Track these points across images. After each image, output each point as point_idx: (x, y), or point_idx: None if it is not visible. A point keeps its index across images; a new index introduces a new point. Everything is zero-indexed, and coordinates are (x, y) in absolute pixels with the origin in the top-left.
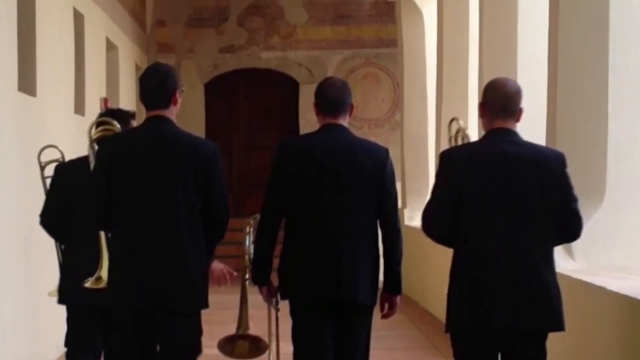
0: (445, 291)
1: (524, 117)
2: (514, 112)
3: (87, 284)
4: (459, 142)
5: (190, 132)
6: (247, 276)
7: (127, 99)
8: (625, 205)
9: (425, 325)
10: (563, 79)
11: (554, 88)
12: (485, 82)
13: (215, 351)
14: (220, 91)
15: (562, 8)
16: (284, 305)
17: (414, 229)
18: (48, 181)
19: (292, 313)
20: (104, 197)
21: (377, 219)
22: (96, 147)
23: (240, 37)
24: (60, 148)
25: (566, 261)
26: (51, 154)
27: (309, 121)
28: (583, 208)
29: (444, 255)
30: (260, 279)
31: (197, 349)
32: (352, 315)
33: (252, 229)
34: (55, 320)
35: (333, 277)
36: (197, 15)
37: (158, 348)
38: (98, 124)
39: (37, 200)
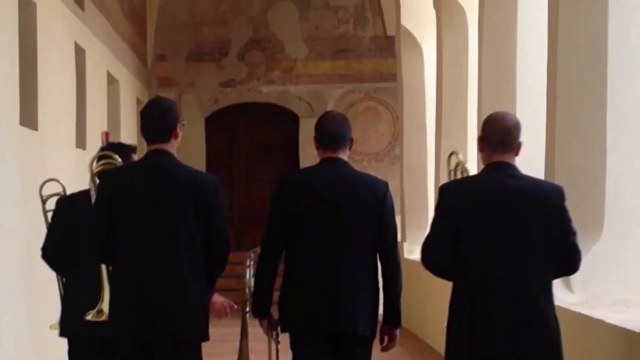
0: (445, 324)
1: (523, 150)
2: (513, 145)
3: (89, 317)
4: (458, 176)
5: (191, 166)
6: (247, 309)
7: (128, 133)
8: (623, 239)
9: (424, 358)
10: (562, 113)
11: (553, 122)
12: (484, 116)
13: None
14: (221, 125)
15: (560, 43)
16: (285, 338)
17: (413, 262)
18: (49, 215)
19: (293, 346)
20: (105, 231)
21: (377, 252)
22: (97, 181)
23: (241, 72)
24: (61, 182)
25: (565, 294)
26: (53, 188)
27: (309, 155)
28: (582, 241)
29: (443, 289)
30: (260, 312)
31: None
32: (352, 348)
33: (252, 262)
34: (56, 353)
35: (333, 309)
36: (197, 49)
37: None
38: (99, 157)
39: (39, 233)
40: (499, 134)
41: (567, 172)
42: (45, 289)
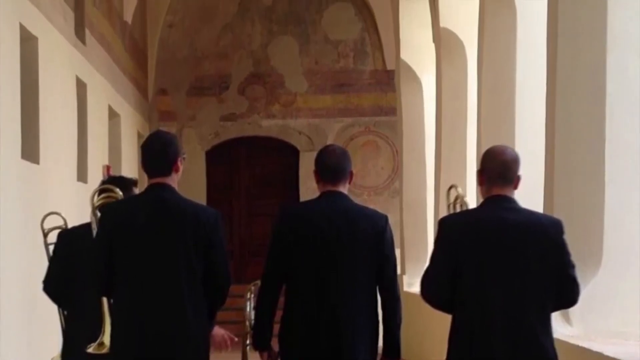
0: (444, 356)
1: (521, 184)
2: (512, 179)
3: (90, 350)
4: (458, 209)
5: (192, 199)
6: (248, 341)
7: (129, 167)
8: (622, 272)
9: None
10: (560, 146)
11: (552, 155)
12: (483, 150)
13: None
14: (222, 159)
15: (559, 76)
16: None
17: (413, 295)
18: (51, 248)
19: None
20: (106, 264)
21: (376, 285)
22: (98, 215)
23: (241, 106)
24: (63, 215)
25: (563, 327)
26: (54, 221)
27: (309, 188)
28: (580, 274)
29: (442, 321)
30: (261, 344)
31: None
32: None
33: (252, 295)
34: None
35: (333, 342)
36: (198, 83)
37: None
38: (100, 191)
39: (40, 266)
40: (498, 168)
41: (565, 205)
42: (47, 322)
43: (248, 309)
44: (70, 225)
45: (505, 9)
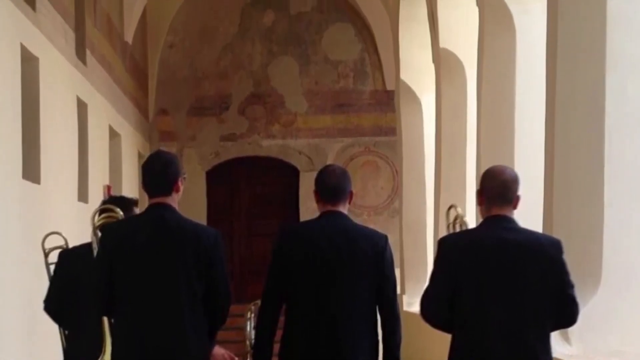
0: None
1: (521, 204)
2: (511, 199)
3: None
4: (457, 229)
5: (192, 219)
6: None
7: (130, 186)
8: (621, 291)
9: None
10: (560, 167)
11: (551, 175)
12: (482, 170)
13: None
14: (222, 179)
15: (558, 97)
16: None
17: (412, 314)
18: (52, 267)
19: None
20: (107, 284)
21: (376, 305)
22: (99, 234)
23: (242, 126)
24: (63, 235)
25: (563, 346)
26: (55, 241)
27: (309, 208)
28: (579, 294)
29: (442, 341)
30: None
31: None
32: None
33: (253, 315)
34: None
35: None
36: (198, 103)
37: None
38: (101, 211)
39: (41, 286)
40: (497, 188)
41: (565, 225)
42: (48, 341)
43: (248, 329)
44: (71, 245)
45: (504, 30)
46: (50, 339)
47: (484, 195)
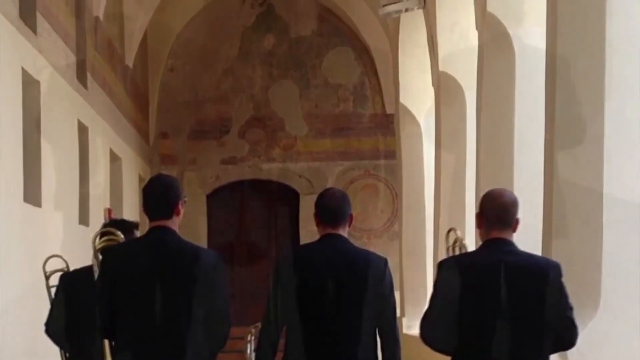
0: None
1: (520, 227)
2: (511, 222)
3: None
4: (457, 252)
5: (193, 242)
6: None
7: (131, 210)
8: (620, 314)
9: None
10: (559, 190)
11: (550, 199)
12: (482, 193)
13: None
14: (222, 202)
15: (557, 120)
16: None
17: (412, 337)
18: (53, 290)
19: None
20: (108, 307)
21: (376, 327)
22: (100, 257)
23: (242, 149)
24: (64, 258)
25: None
26: (56, 264)
27: (309, 231)
28: (578, 317)
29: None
30: None
31: None
32: None
33: (253, 338)
34: None
35: None
36: (199, 127)
37: None
38: (102, 234)
39: (42, 309)
40: (496, 211)
41: (564, 248)
42: None
43: (249, 351)
44: (72, 268)
45: (504, 54)
46: None
47: (483, 218)
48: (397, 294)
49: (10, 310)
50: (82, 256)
